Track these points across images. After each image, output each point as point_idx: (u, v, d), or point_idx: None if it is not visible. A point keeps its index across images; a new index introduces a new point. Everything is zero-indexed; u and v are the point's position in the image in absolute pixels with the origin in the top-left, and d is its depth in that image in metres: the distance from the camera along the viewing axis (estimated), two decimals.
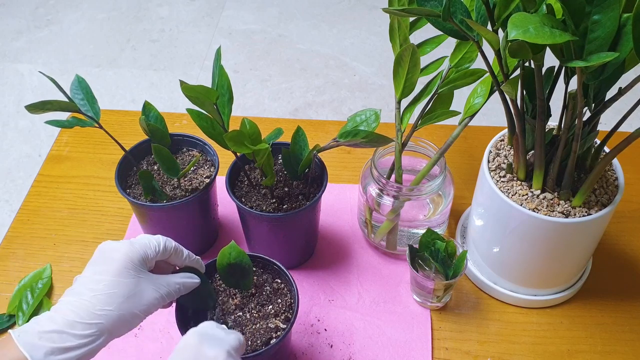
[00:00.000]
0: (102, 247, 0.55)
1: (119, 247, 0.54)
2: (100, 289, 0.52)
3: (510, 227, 0.68)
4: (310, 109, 1.99)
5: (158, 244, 0.57)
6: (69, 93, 0.70)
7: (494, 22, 0.56)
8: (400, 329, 0.74)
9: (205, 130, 0.69)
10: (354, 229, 0.86)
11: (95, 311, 0.51)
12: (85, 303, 0.51)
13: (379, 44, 2.25)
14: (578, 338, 0.74)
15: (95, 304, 0.51)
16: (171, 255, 0.59)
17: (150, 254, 0.56)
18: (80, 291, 0.52)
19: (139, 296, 0.54)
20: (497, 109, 1.83)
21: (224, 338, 0.53)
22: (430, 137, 0.94)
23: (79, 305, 0.51)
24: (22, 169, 1.84)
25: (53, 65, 2.19)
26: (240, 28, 2.33)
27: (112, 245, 0.55)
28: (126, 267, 0.53)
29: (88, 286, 0.52)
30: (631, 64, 0.56)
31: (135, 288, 0.53)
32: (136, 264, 0.54)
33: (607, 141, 0.66)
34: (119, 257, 0.54)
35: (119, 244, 0.55)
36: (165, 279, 0.57)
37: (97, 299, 0.51)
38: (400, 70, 0.68)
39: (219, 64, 0.68)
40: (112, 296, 0.52)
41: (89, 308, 0.51)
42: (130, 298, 0.53)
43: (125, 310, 0.52)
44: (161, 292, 0.56)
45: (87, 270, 0.54)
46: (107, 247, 0.55)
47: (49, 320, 0.50)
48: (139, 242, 0.56)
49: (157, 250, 0.57)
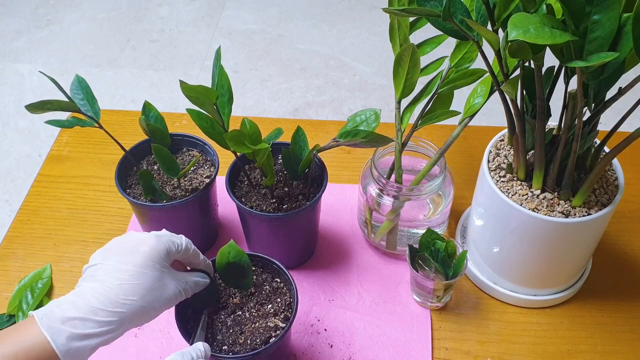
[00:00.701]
0: (129, 238, 0.56)
1: (147, 239, 0.55)
2: (125, 279, 0.52)
3: (510, 227, 0.68)
4: (310, 109, 1.99)
5: (181, 242, 0.58)
6: (69, 93, 0.70)
7: (494, 22, 0.56)
8: (400, 329, 0.74)
9: (205, 130, 0.69)
10: (354, 229, 0.86)
11: (119, 300, 0.51)
12: (110, 291, 0.51)
13: (379, 44, 2.25)
14: (578, 338, 0.74)
15: (119, 293, 0.51)
16: (190, 256, 0.60)
17: (174, 250, 0.57)
18: (105, 279, 0.52)
19: (161, 289, 0.54)
20: (497, 109, 1.83)
21: None
22: (430, 137, 0.94)
23: (102, 293, 0.51)
24: (22, 169, 1.84)
25: (53, 65, 2.19)
26: (240, 28, 2.33)
27: (139, 237, 0.56)
28: (152, 259, 0.54)
29: (113, 274, 0.52)
30: (631, 64, 0.56)
31: (159, 282, 0.54)
32: (162, 257, 0.55)
33: (607, 141, 0.66)
34: (146, 250, 0.54)
35: (147, 236, 0.56)
36: (184, 276, 0.59)
37: (122, 288, 0.51)
38: (400, 70, 0.68)
39: (219, 64, 0.68)
40: (137, 287, 0.52)
41: (113, 296, 0.51)
42: (153, 290, 0.53)
43: (148, 302, 0.53)
44: (180, 287, 0.57)
45: (111, 259, 0.54)
46: (134, 239, 0.55)
47: (72, 306, 0.50)
48: (165, 236, 0.57)
49: (179, 249, 0.58)
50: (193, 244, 0.61)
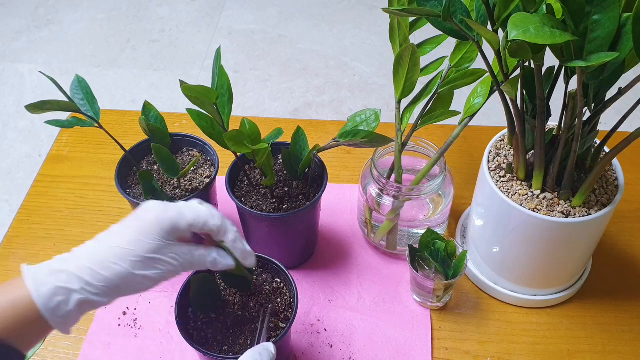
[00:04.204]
0: (142, 205, 0.54)
1: (153, 207, 0.53)
2: (118, 243, 0.50)
3: (510, 227, 0.68)
4: (310, 109, 1.99)
5: (197, 217, 0.53)
6: (69, 93, 0.70)
7: (494, 22, 0.56)
8: (400, 329, 0.74)
9: (205, 130, 0.69)
10: (354, 229, 0.86)
11: (107, 262, 0.49)
12: (100, 251, 0.50)
13: (379, 44, 2.25)
14: (578, 338, 0.74)
15: (109, 255, 0.49)
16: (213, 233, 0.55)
17: (183, 225, 0.52)
18: (101, 239, 0.51)
19: (155, 261, 0.51)
20: (497, 109, 1.83)
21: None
22: (430, 137, 0.94)
23: (93, 252, 0.50)
24: (22, 169, 1.84)
25: (53, 65, 2.19)
26: (240, 28, 2.33)
27: (148, 204, 0.53)
28: (151, 229, 0.51)
29: (110, 236, 0.51)
30: (631, 64, 0.56)
31: (155, 252, 0.51)
32: (164, 228, 0.51)
33: (607, 141, 0.66)
34: (148, 218, 0.52)
35: (154, 204, 0.53)
36: (191, 250, 0.54)
37: (113, 251, 0.50)
38: (400, 70, 0.68)
39: (219, 64, 0.68)
40: (128, 253, 0.50)
41: (102, 257, 0.49)
42: (146, 260, 0.50)
43: (138, 270, 0.50)
44: (180, 261, 0.53)
45: (120, 223, 0.53)
46: (144, 205, 0.53)
47: (61, 260, 0.49)
48: (176, 208, 0.53)
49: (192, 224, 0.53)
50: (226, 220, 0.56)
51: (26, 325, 0.46)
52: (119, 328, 0.75)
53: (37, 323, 0.47)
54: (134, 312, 0.76)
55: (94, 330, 0.74)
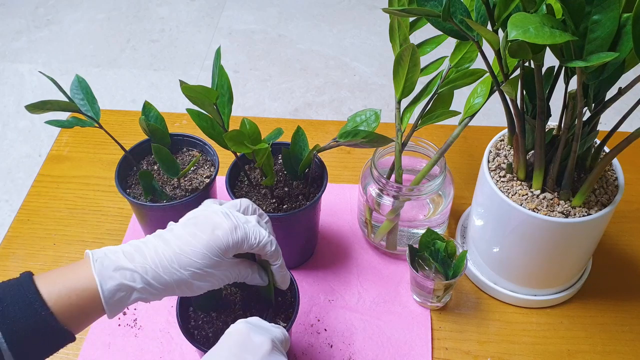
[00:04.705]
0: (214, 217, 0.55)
1: (223, 224, 0.55)
2: (185, 251, 0.53)
3: (510, 227, 0.68)
4: (310, 109, 1.99)
5: (258, 242, 0.56)
6: (69, 93, 0.70)
7: (494, 22, 0.56)
8: (400, 329, 0.74)
9: (205, 130, 0.69)
10: (354, 229, 0.86)
11: (171, 268, 0.52)
12: (167, 255, 0.52)
13: (379, 44, 2.25)
14: (578, 338, 0.74)
15: (173, 261, 0.52)
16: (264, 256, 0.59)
17: (245, 248, 0.56)
18: (169, 243, 0.53)
19: (211, 275, 0.55)
20: (497, 109, 1.83)
21: (270, 329, 0.55)
22: (430, 137, 0.94)
23: (160, 254, 0.52)
24: (22, 169, 1.84)
25: (53, 65, 2.19)
26: (240, 28, 2.33)
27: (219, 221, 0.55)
28: (218, 247, 0.54)
29: (178, 243, 0.53)
30: (631, 64, 0.56)
31: (213, 268, 0.54)
32: (228, 249, 0.54)
33: (607, 141, 0.66)
34: (217, 235, 0.54)
35: (225, 219, 0.55)
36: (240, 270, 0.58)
37: (178, 258, 0.52)
38: (400, 70, 0.68)
39: (219, 64, 0.68)
40: (192, 264, 0.53)
41: (167, 262, 0.52)
42: (204, 274, 0.54)
43: (195, 280, 0.54)
44: (229, 277, 0.57)
45: (189, 227, 0.54)
46: (215, 220, 0.55)
47: (127, 256, 0.52)
48: (243, 231, 0.55)
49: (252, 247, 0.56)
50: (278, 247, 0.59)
51: (85, 313, 0.50)
52: (119, 328, 0.75)
53: (96, 312, 0.50)
54: (134, 312, 0.76)
55: (93, 330, 0.74)
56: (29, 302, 0.47)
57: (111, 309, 0.51)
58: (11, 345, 0.46)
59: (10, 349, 0.46)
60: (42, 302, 0.48)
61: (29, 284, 0.48)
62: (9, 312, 0.46)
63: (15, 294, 0.48)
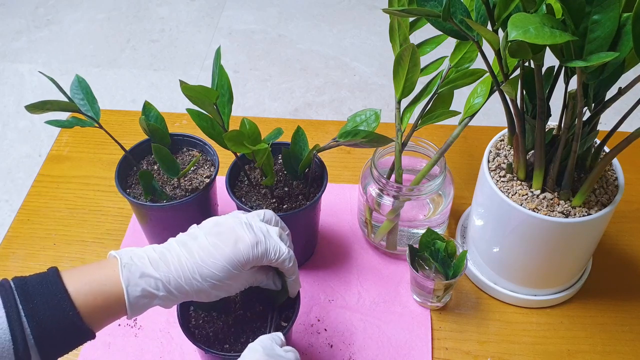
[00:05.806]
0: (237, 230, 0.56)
1: (247, 240, 0.55)
2: (207, 263, 0.54)
3: (510, 227, 0.68)
4: (310, 109, 1.99)
5: (277, 257, 0.57)
6: (69, 93, 0.70)
7: (494, 22, 0.56)
8: (400, 329, 0.74)
9: (205, 130, 0.69)
10: (354, 229, 0.86)
11: (193, 278, 0.54)
12: (189, 266, 0.54)
13: (379, 44, 2.25)
14: (578, 338, 0.74)
15: (195, 271, 0.54)
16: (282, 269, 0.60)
17: (264, 263, 0.57)
18: (193, 253, 0.54)
19: (229, 285, 0.56)
20: (497, 109, 1.83)
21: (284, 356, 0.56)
22: (430, 137, 0.94)
23: (183, 264, 0.54)
24: (22, 169, 1.84)
25: (53, 65, 2.19)
26: (240, 28, 2.33)
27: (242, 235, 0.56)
28: (239, 261, 0.55)
29: (201, 254, 0.54)
30: (631, 63, 0.56)
31: (232, 279, 0.56)
32: (248, 263, 0.56)
33: (607, 141, 0.66)
34: (239, 250, 0.55)
35: (248, 237, 0.55)
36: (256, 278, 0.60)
37: (200, 270, 0.54)
38: (400, 70, 0.68)
39: (219, 64, 0.68)
40: (213, 276, 0.54)
41: (189, 272, 0.54)
42: (223, 284, 0.55)
43: (214, 290, 0.55)
44: (247, 284, 0.59)
45: (212, 237, 0.55)
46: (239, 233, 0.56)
47: (153, 264, 0.53)
48: (264, 247, 0.56)
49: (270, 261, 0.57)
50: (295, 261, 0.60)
51: (109, 314, 0.52)
52: (119, 328, 0.75)
53: (119, 314, 0.52)
54: None
55: None
56: (57, 302, 0.49)
57: (134, 313, 0.53)
58: (38, 342, 0.47)
59: (37, 344, 0.47)
60: (71, 303, 0.49)
61: (57, 282, 0.50)
62: (38, 310, 0.48)
63: (45, 293, 0.49)
